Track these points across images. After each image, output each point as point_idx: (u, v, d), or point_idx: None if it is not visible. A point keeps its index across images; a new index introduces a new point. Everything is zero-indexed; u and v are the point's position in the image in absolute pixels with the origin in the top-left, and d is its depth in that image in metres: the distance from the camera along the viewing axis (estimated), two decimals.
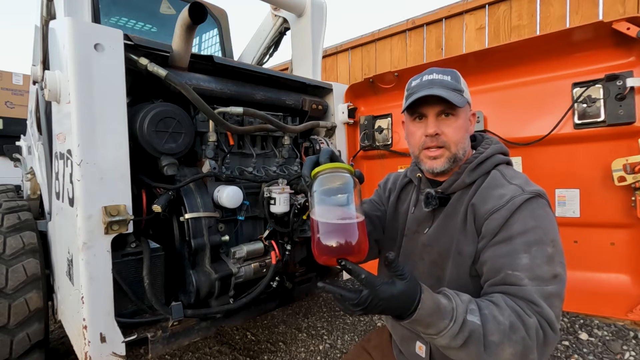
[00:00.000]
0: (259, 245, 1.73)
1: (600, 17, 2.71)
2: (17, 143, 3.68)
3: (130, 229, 1.31)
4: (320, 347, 2.37)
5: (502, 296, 0.80)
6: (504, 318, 0.74)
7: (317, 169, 0.82)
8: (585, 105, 1.52)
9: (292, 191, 1.82)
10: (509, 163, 1.03)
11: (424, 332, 0.77)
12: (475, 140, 1.09)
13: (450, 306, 0.74)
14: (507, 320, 0.74)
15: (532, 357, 0.76)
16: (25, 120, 3.48)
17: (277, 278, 1.83)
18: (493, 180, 0.95)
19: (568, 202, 1.61)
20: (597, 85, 1.49)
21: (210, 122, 1.62)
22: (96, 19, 2.43)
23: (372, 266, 1.08)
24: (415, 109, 1.00)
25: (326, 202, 0.80)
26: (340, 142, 2.26)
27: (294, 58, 2.64)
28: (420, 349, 1.04)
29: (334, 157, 0.91)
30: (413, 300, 0.72)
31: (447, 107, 0.96)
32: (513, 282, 0.81)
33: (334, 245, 0.74)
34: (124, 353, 1.30)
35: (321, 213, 0.78)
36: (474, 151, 1.03)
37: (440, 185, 1.04)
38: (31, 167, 2.70)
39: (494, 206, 0.89)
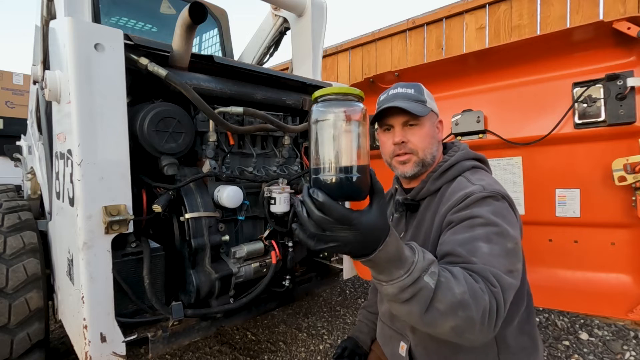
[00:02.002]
0: (259, 245, 1.73)
1: (601, 17, 2.71)
2: (18, 143, 3.68)
3: (131, 228, 1.31)
4: (321, 347, 2.37)
5: (463, 272, 0.77)
6: (457, 291, 0.72)
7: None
8: (585, 105, 1.51)
9: (293, 191, 1.82)
10: (477, 166, 1.07)
11: (376, 277, 0.74)
12: (446, 148, 1.16)
13: (411, 259, 0.71)
14: (460, 295, 0.71)
15: (471, 337, 0.74)
16: (26, 120, 3.48)
17: (288, 277, 1.83)
18: (457, 185, 1.01)
19: (568, 202, 1.61)
20: (597, 85, 1.49)
21: (211, 122, 1.62)
22: (96, 18, 2.43)
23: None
24: (383, 121, 1.10)
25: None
26: None
27: (294, 58, 2.64)
28: (402, 348, 1.08)
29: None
30: (378, 239, 0.65)
31: (411, 118, 1.05)
32: (471, 263, 0.81)
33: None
34: (124, 353, 1.30)
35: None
36: (444, 156, 1.10)
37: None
38: (31, 167, 2.70)
39: (453, 203, 0.94)
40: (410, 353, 1.06)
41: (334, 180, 0.61)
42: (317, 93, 0.66)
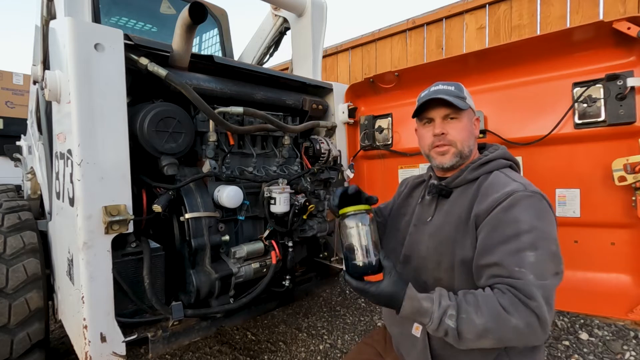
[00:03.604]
0: (259, 245, 1.73)
1: (601, 17, 2.71)
2: (18, 143, 3.68)
3: (131, 228, 1.31)
4: (321, 347, 2.37)
5: (494, 296, 0.87)
6: (478, 322, 0.85)
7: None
8: (585, 105, 1.51)
9: (292, 191, 1.82)
10: (513, 167, 1.12)
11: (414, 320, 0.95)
12: (484, 148, 1.19)
13: (430, 310, 0.89)
14: (481, 325, 0.84)
15: (521, 344, 0.88)
16: (26, 120, 3.48)
17: (288, 277, 1.83)
18: (496, 178, 1.03)
19: (568, 202, 1.61)
20: (597, 85, 1.49)
21: (211, 122, 1.62)
22: (96, 18, 2.43)
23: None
24: (424, 115, 1.14)
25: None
26: (340, 142, 2.26)
27: (294, 58, 2.64)
28: (417, 329, 1.10)
29: (357, 195, 1.12)
30: (397, 300, 0.91)
31: (451, 112, 1.09)
32: (520, 278, 0.87)
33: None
34: (124, 353, 1.30)
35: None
36: (485, 151, 1.14)
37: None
38: (31, 167, 2.70)
39: (495, 200, 0.95)
40: (428, 334, 1.06)
41: (359, 264, 0.99)
42: (342, 211, 1.04)
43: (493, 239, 0.93)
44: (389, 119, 2.17)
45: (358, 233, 1.00)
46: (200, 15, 1.35)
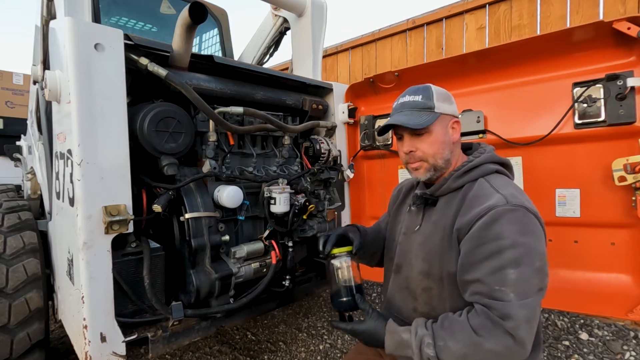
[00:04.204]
0: (259, 245, 1.73)
1: (601, 17, 2.71)
2: (18, 143, 3.68)
3: (131, 228, 1.31)
4: (321, 347, 2.37)
5: (468, 321, 0.90)
6: (454, 349, 0.88)
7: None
8: (585, 105, 1.51)
9: (292, 191, 1.82)
10: (501, 171, 1.07)
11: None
12: (471, 148, 1.15)
13: (409, 341, 0.95)
14: (457, 351, 0.88)
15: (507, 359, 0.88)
16: (26, 120, 3.48)
17: (288, 277, 1.83)
18: (480, 189, 1.00)
19: (568, 202, 1.61)
20: (597, 85, 1.49)
21: (211, 121, 1.62)
22: (96, 18, 2.43)
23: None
24: (395, 131, 1.13)
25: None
26: (340, 142, 2.26)
27: (294, 58, 2.64)
28: None
29: (344, 239, 1.22)
30: (380, 336, 1.00)
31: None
32: (499, 298, 0.86)
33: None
34: (124, 353, 1.30)
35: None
36: (470, 156, 1.09)
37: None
38: (31, 167, 2.70)
39: (476, 215, 0.93)
40: None
41: (343, 300, 1.14)
42: (333, 252, 1.19)
43: (475, 255, 0.91)
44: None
45: (342, 273, 1.15)
46: (200, 15, 1.35)
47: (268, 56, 3.04)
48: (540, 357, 1.06)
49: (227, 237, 1.61)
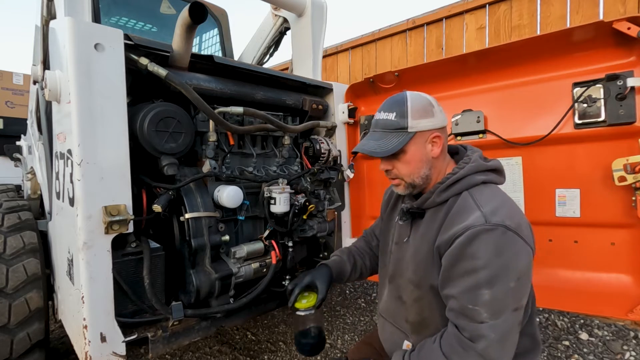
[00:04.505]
0: (259, 245, 1.73)
1: (601, 17, 2.71)
2: (18, 143, 3.68)
3: (131, 228, 1.31)
4: None
5: (440, 346, 0.91)
6: None
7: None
8: (585, 105, 1.51)
9: (292, 191, 1.82)
10: (488, 181, 1.03)
11: None
12: (458, 153, 1.12)
13: None
14: None
15: None
16: (26, 120, 3.48)
17: (288, 277, 1.83)
18: (462, 204, 0.98)
19: (568, 202, 1.61)
20: (597, 85, 1.49)
21: (211, 121, 1.62)
22: (96, 18, 2.43)
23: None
24: None
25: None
26: (340, 142, 2.25)
27: (294, 58, 2.64)
28: (408, 347, 1.10)
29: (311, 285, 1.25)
30: None
31: None
32: (472, 317, 0.86)
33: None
34: (124, 353, 1.30)
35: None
36: (454, 167, 1.06)
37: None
38: (31, 167, 2.70)
39: (454, 234, 0.92)
40: None
41: (306, 342, 1.24)
42: (295, 306, 1.23)
43: (452, 271, 0.92)
44: None
45: (305, 321, 1.23)
46: (200, 15, 1.35)
47: (268, 56, 3.04)
48: (539, 354, 1.06)
49: (227, 237, 1.61)
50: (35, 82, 1.85)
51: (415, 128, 1.02)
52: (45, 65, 1.72)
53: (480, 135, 1.79)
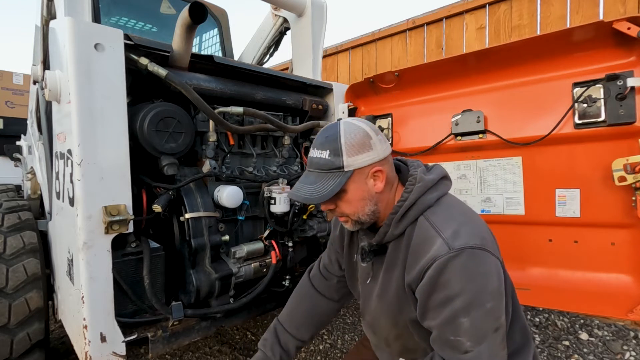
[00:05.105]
0: (259, 245, 1.73)
1: (601, 17, 2.71)
2: (18, 143, 3.68)
3: (131, 228, 1.31)
4: (321, 347, 2.37)
5: None
6: None
7: None
8: (585, 105, 1.51)
9: None
10: (440, 198, 0.98)
11: None
12: (401, 171, 1.06)
13: None
14: None
15: None
16: (26, 120, 3.48)
17: (288, 277, 1.83)
18: (422, 233, 0.93)
19: (568, 202, 1.61)
20: (597, 85, 1.49)
21: (211, 121, 1.62)
22: (96, 18, 2.43)
23: None
24: None
25: None
26: None
27: (294, 58, 2.64)
28: None
29: None
30: None
31: None
32: (456, 348, 0.85)
33: None
34: (124, 353, 1.30)
35: None
36: (403, 190, 0.99)
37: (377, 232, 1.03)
38: (31, 167, 2.70)
39: (422, 268, 0.89)
40: None
41: None
42: None
43: (428, 304, 0.89)
44: (389, 119, 2.17)
45: None
46: (200, 15, 1.35)
47: (268, 56, 3.04)
48: (531, 348, 1.05)
49: (227, 237, 1.61)
50: (35, 82, 1.86)
51: (352, 166, 0.94)
52: (45, 65, 1.72)
53: (480, 135, 1.79)
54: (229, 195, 1.59)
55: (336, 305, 1.34)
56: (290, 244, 1.86)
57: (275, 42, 2.96)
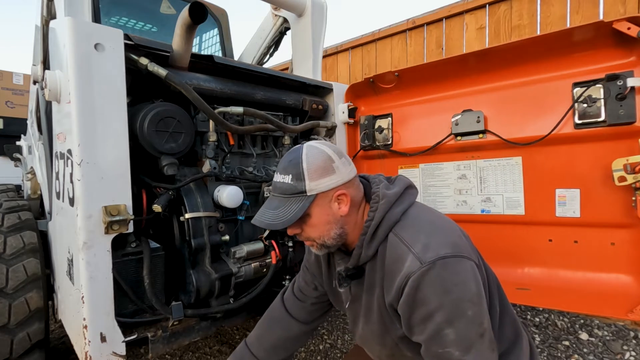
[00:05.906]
0: (259, 245, 1.73)
1: (601, 17, 2.71)
2: (18, 143, 3.68)
3: (131, 228, 1.31)
4: (320, 347, 2.37)
5: None
6: None
7: None
8: (585, 105, 1.51)
9: None
10: (406, 211, 0.97)
11: None
12: (365, 190, 1.05)
13: None
14: None
15: None
16: (26, 120, 3.48)
17: (288, 277, 1.83)
18: (394, 250, 0.92)
19: (568, 202, 1.61)
20: (597, 85, 1.49)
21: (211, 121, 1.62)
22: (96, 18, 2.43)
23: None
24: None
25: None
26: (340, 142, 2.25)
27: (294, 58, 2.64)
28: None
29: None
30: None
31: None
32: (446, 359, 0.86)
33: None
34: (124, 353, 1.30)
35: None
36: (369, 209, 0.99)
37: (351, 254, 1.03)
38: (31, 167, 2.70)
39: (399, 288, 0.89)
40: None
41: None
42: None
43: (411, 320, 0.89)
44: (389, 119, 2.17)
45: None
46: (200, 15, 1.35)
47: (268, 56, 3.04)
48: (524, 342, 1.05)
49: (227, 237, 1.61)
50: (35, 82, 1.86)
51: (315, 190, 0.93)
52: (45, 65, 1.72)
53: (480, 135, 1.79)
54: (229, 195, 1.59)
55: (308, 328, 1.32)
56: (290, 244, 1.85)
57: (275, 42, 2.96)
